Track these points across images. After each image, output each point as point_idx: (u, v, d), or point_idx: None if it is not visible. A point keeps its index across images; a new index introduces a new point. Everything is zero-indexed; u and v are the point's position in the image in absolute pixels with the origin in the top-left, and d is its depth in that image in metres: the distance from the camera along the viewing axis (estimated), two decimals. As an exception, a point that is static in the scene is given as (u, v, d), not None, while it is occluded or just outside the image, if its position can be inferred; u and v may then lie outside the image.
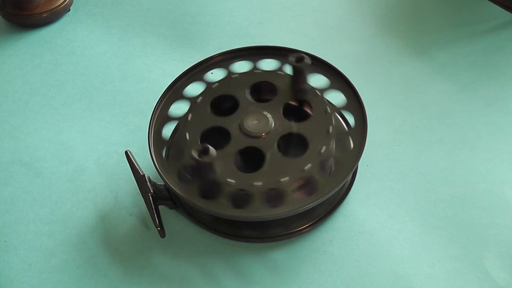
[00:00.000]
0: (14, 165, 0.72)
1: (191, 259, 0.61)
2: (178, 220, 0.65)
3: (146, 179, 0.62)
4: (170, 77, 0.69)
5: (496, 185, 0.66)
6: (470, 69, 0.81)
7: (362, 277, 0.59)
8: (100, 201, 0.67)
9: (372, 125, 0.65)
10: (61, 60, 0.87)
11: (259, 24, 0.91)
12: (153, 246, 0.63)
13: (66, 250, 0.63)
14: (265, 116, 0.62)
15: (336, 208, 0.64)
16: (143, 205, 0.65)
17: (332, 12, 0.93)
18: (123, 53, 0.87)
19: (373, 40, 0.87)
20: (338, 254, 0.61)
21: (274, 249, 0.62)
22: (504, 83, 0.78)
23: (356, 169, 0.67)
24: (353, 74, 0.68)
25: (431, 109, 0.76)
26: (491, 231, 0.62)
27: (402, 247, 0.61)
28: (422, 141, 0.72)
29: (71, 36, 0.91)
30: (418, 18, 0.90)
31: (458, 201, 0.65)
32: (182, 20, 0.93)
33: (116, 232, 0.64)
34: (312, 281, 0.59)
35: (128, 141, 0.74)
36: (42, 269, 0.62)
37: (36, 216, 0.67)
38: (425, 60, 0.83)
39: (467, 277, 0.59)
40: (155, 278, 0.60)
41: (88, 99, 0.80)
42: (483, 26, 0.88)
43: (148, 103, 0.78)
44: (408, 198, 0.66)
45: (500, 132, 0.72)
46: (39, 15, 0.90)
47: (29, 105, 0.80)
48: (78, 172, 0.71)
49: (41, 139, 0.75)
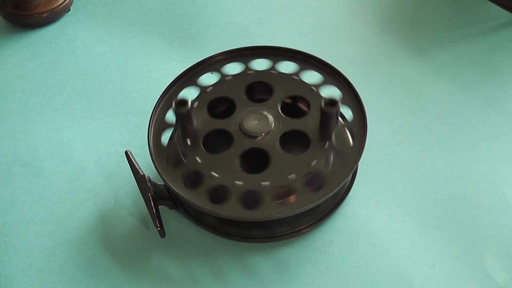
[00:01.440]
0: (14, 165, 0.72)
1: (191, 259, 0.61)
2: (178, 220, 0.65)
3: (146, 179, 0.62)
4: (170, 77, 0.69)
5: (496, 185, 0.66)
6: (470, 69, 0.81)
7: (362, 277, 0.59)
8: (100, 201, 0.67)
9: (372, 125, 0.65)
10: (61, 60, 0.87)
11: (259, 24, 0.91)
12: (153, 246, 0.63)
13: (66, 250, 0.63)
14: (264, 115, 0.62)
15: (336, 208, 0.64)
16: (143, 205, 0.65)
17: (332, 12, 0.93)
18: (123, 53, 0.87)
19: (373, 40, 0.87)
20: (338, 254, 0.61)
21: (274, 249, 0.62)
22: (504, 83, 0.78)
23: (356, 169, 0.67)
24: (353, 74, 0.68)
25: (431, 109, 0.76)
26: (491, 231, 0.62)
27: (402, 247, 0.61)
28: (422, 141, 0.72)
29: (71, 36, 0.91)
30: (418, 18, 0.90)
31: (458, 201, 0.65)
32: (182, 20, 0.93)
33: (116, 232, 0.64)
34: (312, 281, 0.59)
35: (128, 141, 0.74)
36: (42, 269, 0.62)
37: (36, 216, 0.67)
38: (425, 60, 0.83)
39: (467, 277, 0.59)
40: (155, 278, 0.60)
41: (88, 99, 0.80)
42: (483, 26, 0.88)
43: (148, 103, 0.78)
44: (408, 198, 0.66)
45: (500, 132, 0.72)
46: (39, 15, 0.90)
47: (29, 105, 0.80)
48: (78, 172, 0.71)
49: (41, 139, 0.75)
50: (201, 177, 0.59)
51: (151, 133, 0.64)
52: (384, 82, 0.80)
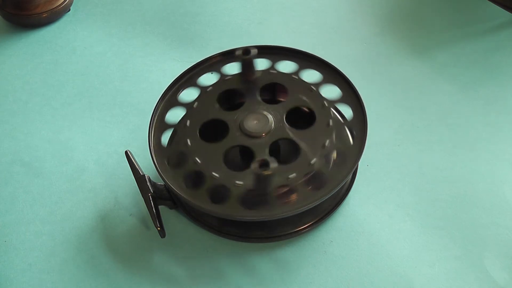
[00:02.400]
0: (14, 165, 0.72)
1: (191, 259, 0.61)
2: (178, 220, 0.65)
3: (146, 179, 0.62)
4: (170, 77, 0.69)
5: (496, 185, 0.66)
6: (470, 69, 0.81)
7: (362, 277, 0.59)
8: (100, 201, 0.67)
9: (372, 125, 0.65)
10: (61, 60, 0.87)
11: (259, 24, 0.91)
12: (153, 246, 0.63)
13: (66, 250, 0.63)
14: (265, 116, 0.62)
15: (336, 208, 0.64)
16: (143, 205, 0.65)
17: (332, 12, 0.93)
18: (123, 53, 0.87)
19: (373, 40, 0.87)
20: (338, 254, 0.61)
21: (274, 249, 0.62)
22: (504, 83, 0.78)
23: (356, 169, 0.67)
24: (353, 74, 0.68)
25: (431, 109, 0.75)
26: (491, 231, 0.62)
27: (402, 247, 0.61)
28: (422, 141, 0.72)
29: (71, 36, 0.91)
30: (418, 18, 0.90)
31: (458, 201, 0.65)
32: (182, 20, 0.93)
33: (116, 232, 0.64)
34: (312, 281, 0.59)
35: (128, 141, 0.74)
36: (42, 269, 0.62)
37: (36, 216, 0.67)
38: (425, 60, 0.83)
39: (467, 277, 0.59)
40: (155, 278, 0.60)
41: (88, 99, 0.80)
42: (483, 26, 0.88)
43: (148, 103, 0.78)
44: (408, 198, 0.66)
45: (500, 132, 0.72)
46: (39, 15, 0.90)
47: (29, 105, 0.80)
48: (78, 172, 0.71)
49: (41, 139, 0.75)
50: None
51: (152, 133, 0.64)
52: (384, 82, 0.80)
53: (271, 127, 0.61)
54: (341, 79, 0.67)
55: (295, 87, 0.66)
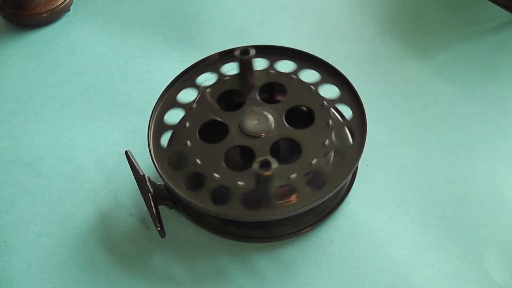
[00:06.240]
0: (14, 165, 0.72)
1: (191, 259, 0.61)
2: (178, 220, 0.65)
3: (146, 179, 0.62)
4: (170, 77, 0.69)
5: (496, 185, 0.66)
6: (470, 69, 0.81)
7: (362, 277, 0.59)
8: (100, 201, 0.67)
9: (372, 125, 0.65)
10: (61, 60, 0.87)
11: (259, 24, 0.91)
12: (153, 246, 0.63)
13: (66, 250, 0.63)
14: (265, 116, 0.62)
15: (336, 208, 0.64)
16: (143, 205, 0.65)
17: (332, 12, 0.93)
18: (123, 53, 0.87)
19: (373, 40, 0.87)
20: (338, 254, 0.61)
21: (274, 249, 0.62)
22: (504, 83, 0.78)
23: (356, 169, 0.67)
24: (353, 74, 0.68)
25: (431, 109, 0.76)
26: (491, 231, 0.62)
27: (402, 247, 0.61)
28: (422, 141, 0.72)
29: (71, 36, 0.91)
30: (418, 18, 0.90)
31: (458, 201, 0.65)
32: (182, 20, 0.93)
33: (116, 232, 0.64)
34: (312, 281, 0.59)
35: (128, 141, 0.74)
36: (42, 269, 0.62)
37: (36, 216, 0.67)
38: (425, 60, 0.83)
39: (467, 277, 0.59)
40: (155, 278, 0.60)
41: (88, 99, 0.80)
42: (483, 26, 0.88)
43: (148, 103, 0.78)
44: (408, 198, 0.66)
45: (500, 132, 0.72)
46: (39, 15, 0.90)
47: (29, 105, 0.80)
48: (78, 172, 0.71)
49: (41, 139, 0.75)
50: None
51: (151, 133, 0.64)
52: (384, 82, 0.80)
53: (271, 127, 0.61)
54: (340, 79, 0.67)
55: (294, 87, 0.66)
